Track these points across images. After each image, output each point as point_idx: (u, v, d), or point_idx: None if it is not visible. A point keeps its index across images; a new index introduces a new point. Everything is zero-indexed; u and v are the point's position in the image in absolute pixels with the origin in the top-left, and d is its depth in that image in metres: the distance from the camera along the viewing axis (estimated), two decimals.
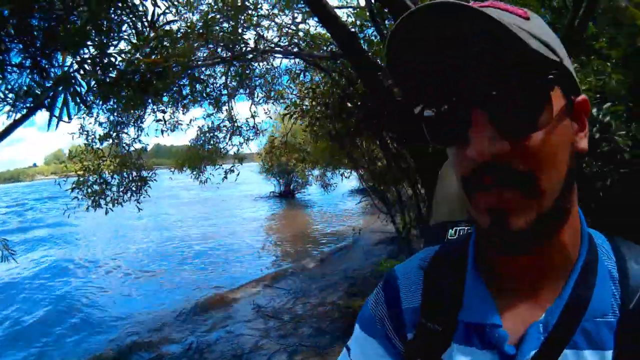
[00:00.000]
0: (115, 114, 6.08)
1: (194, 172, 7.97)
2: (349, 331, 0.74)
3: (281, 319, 6.50)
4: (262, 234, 15.07)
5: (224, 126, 7.91)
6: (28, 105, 2.89)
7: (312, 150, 8.74)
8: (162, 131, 6.88)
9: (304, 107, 6.49)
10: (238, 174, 7.44)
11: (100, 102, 4.32)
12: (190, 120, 8.27)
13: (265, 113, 8.02)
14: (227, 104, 7.68)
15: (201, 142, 7.95)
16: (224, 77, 6.74)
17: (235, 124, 7.89)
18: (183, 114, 7.58)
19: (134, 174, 6.19)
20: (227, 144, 8.00)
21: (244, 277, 9.29)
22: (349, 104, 5.49)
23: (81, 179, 5.77)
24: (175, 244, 13.78)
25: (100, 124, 6.26)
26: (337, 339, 5.44)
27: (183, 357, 5.48)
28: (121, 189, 6.05)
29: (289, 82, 7.22)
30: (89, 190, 5.74)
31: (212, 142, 7.98)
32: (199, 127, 7.85)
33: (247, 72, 6.39)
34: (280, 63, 11.49)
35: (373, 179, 6.89)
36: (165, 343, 5.88)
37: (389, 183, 6.55)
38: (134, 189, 6.12)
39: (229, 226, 17.03)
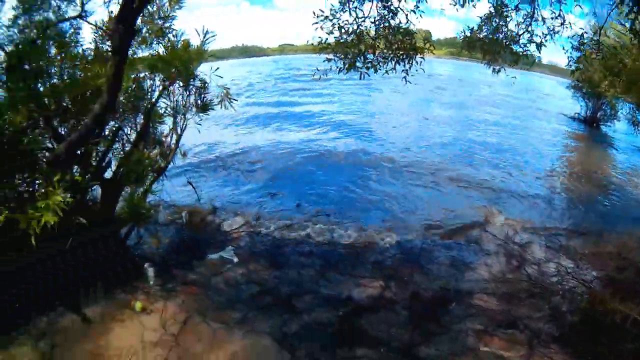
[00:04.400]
0: None
1: (487, 60, 6.50)
2: None
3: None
4: (543, 163, 12.68)
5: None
6: None
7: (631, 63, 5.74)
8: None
9: None
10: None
11: None
12: None
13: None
14: None
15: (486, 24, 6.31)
16: None
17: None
18: None
19: (403, 38, 5.44)
20: (522, 30, 6.14)
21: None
22: None
23: (335, 39, 5.28)
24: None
25: None
26: None
27: None
28: (385, 55, 5.47)
29: None
30: (345, 51, 5.26)
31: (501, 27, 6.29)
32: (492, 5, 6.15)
33: None
34: None
35: None
36: None
37: None
38: (400, 57, 5.47)
39: (515, 139, 15.38)
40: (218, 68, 5.08)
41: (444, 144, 12.78)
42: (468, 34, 6.11)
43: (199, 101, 5.33)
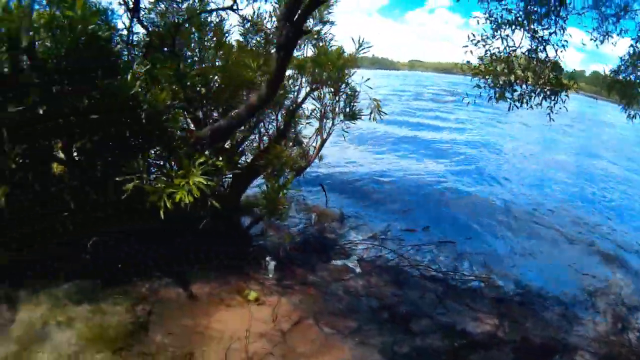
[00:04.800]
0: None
1: (624, 103, 6.26)
2: None
3: None
4: None
5: None
6: None
7: None
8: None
9: None
10: None
11: None
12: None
13: None
14: None
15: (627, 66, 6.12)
16: None
17: None
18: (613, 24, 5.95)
19: (549, 75, 5.37)
20: None
21: None
22: None
23: (486, 67, 5.43)
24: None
25: (509, 11, 5.57)
26: None
27: None
28: (533, 88, 5.42)
29: None
30: (495, 80, 5.39)
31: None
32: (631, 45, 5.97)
33: None
34: None
35: None
36: None
37: None
38: (547, 92, 5.39)
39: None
40: (369, 79, 5.12)
41: (569, 197, 12.28)
42: (609, 73, 5.94)
43: (348, 109, 5.37)
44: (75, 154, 5.03)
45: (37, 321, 4.14)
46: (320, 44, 5.18)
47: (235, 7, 4.87)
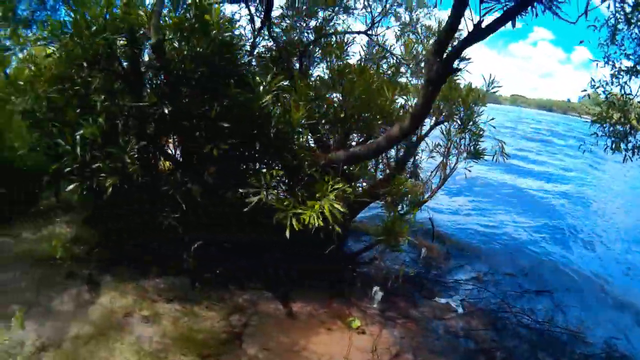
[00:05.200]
0: None
1: None
2: None
3: None
4: None
5: None
6: None
7: None
8: None
9: None
10: None
11: None
12: None
13: None
14: None
15: None
16: None
17: None
18: None
19: None
20: None
21: None
22: None
23: (604, 113, 5.45)
24: None
25: (627, 56, 5.52)
26: None
27: None
28: None
29: None
30: (611, 128, 5.42)
31: None
32: None
33: None
34: None
35: None
36: None
37: None
38: None
39: None
40: (493, 118, 5.19)
41: None
42: None
43: (472, 147, 5.41)
44: (186, 155, 5.11)
45: (119, 309, 4.18)
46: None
47: (370, 33, 4.96)
